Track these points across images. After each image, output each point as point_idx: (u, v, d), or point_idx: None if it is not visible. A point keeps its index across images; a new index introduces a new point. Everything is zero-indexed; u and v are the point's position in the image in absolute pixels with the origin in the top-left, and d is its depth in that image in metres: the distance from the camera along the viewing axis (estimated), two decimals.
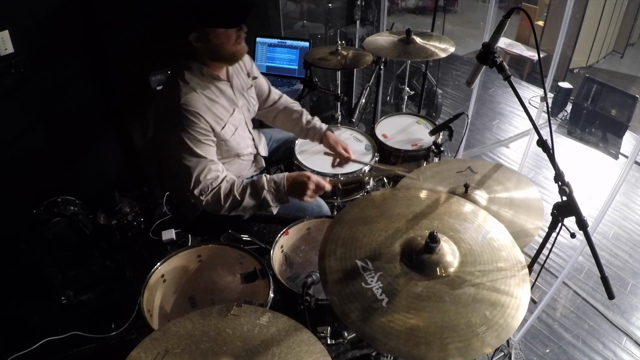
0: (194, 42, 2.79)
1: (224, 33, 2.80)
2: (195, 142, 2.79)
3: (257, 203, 2.96)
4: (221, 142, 3.00)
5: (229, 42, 2.84)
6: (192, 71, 2.88)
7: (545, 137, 2.20)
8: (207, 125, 2.83)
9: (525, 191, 2.69)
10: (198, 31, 2.76)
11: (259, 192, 2.94)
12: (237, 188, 2.93)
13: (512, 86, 2.36)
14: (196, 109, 2.77)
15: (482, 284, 1.86)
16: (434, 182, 2.79)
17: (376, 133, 4.03)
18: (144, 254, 4.47)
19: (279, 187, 2.95)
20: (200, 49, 2.83)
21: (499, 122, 7.40)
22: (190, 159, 2.80)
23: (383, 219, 2.19)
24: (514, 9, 2.33)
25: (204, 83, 2.91)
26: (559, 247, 4.80)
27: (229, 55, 2.91)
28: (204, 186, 2.85)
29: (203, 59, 2.91)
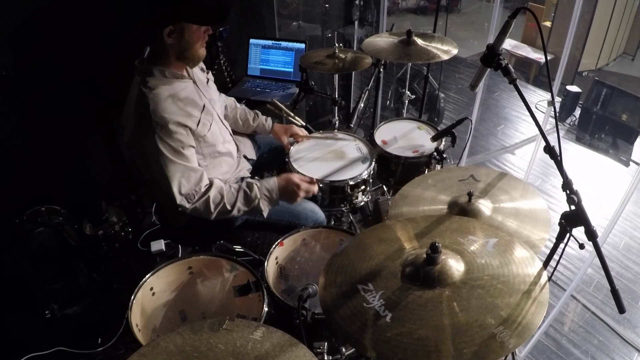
0: (167, 36, 2.83)
1: (197, 31, 2.89)
2: (170, 150, 2.83)
3: (249, 209, 3.06)
4: (199, 139, 3.04)
5: (197, 43, 2.95)
6: (154, 76, 2.92)
7: (552, 144, 2.21)
8: (182, 129, 2.87)
9: (531, 201, 2.69)
10: (174, 24, 2.81)
11: (251, 200, 3.03)
12: (226, 195, 2.99)
13: (518, 90, 2.37)
14: (167, 114, 2.81)
15: (493, 286, 1.86)
16: (436, 191, 2.80)
17: (375, 139, 4.02)
18: (132, 266, 4.47)
19: (272, 194, 3.09)
20: (169, 45, 2.88)
21: (504, 128, 7.42)
22: (168, 167, 2.84)
23: (382, 244, 2.21)
24: (520, 9, 2.34)
25: (169, 84, 2.95)
26: (567, 258, 4.81)
27: (194, 55, 3.00)
28: (189, 193, 2.90)
29: (168, 59, 2.96)
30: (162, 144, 2.80)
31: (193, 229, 3.27)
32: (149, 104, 2.79)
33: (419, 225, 2.30)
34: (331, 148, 3.83)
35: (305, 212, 3.39)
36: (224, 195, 2.98)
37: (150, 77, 2.90)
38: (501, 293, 1.83)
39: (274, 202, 3.13)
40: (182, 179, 2.87)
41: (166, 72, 2.94)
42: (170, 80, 2.95)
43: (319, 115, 6.33)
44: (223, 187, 3.02)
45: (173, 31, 2.82)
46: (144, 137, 2.83)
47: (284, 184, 3.15)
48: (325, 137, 3.97)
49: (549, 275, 2.46)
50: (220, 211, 2.99)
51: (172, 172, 2.84)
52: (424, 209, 2.70)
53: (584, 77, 9.39)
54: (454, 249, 2.07)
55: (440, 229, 2.26)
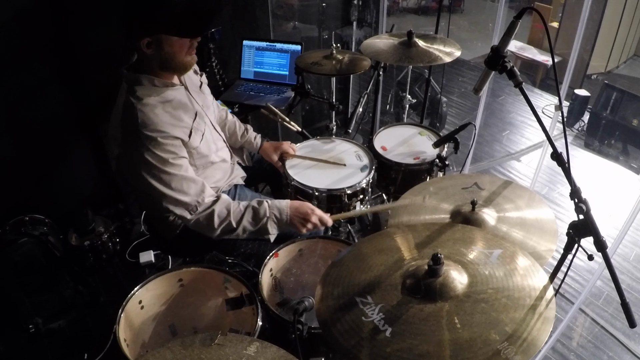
0: (145, 47, 2.77)
1: (178, 42, 2.82)
2: (163, 162, 2.81)
3: (255, 229, 3.02)
4: (192, 150, 3.01)
5: (181, 52, 2.87)
6: (142, 85, 2.87)
7: (560, 150, 2.21)
8: (173, 141, 2.84)
9: (537, 210, 2.69)
10: (151, 37, 2.75)
11: (259, 219, 3.01)
12: (233, 211, 2.97)
13: (524, 94, 2.38)
14: (157, 126, 2.78)
15: (497, 300, 1.86)
16: (438, 199, 2.81)
17: (374, 145, 4.02)
18: (119, 278, 4.46)
19: (282, 215, 3.05)
20: (149, 56, 2.82)
21: (509, 134, 7.44)
22: (162, 179, 2.82)
23: (381, 254, 2.21)
24: (526, 9, 2.34)
25: (159, 93, 2.91)
26: (576, 270, 4.81)
27: (179, 65, 2.92)
28: (190, 204, 2.89)
29: (152, 68, 2.90)
30: (153, 157, 2.77)
31: (183, 240, 3.26)
32: (138, 115, 2.75)
33: (420, 235, 2.30)
34: (329, 155, 3.83)
35: None
36: (231, 211, 2.96)
37: (139, 86, 2.85)
38: (506, 307, 1.83)
39: (283, 225, 3.07)
40: (180, 190, 2.85)
41: (155, 80, 2.90)
42: (160, 89, 2.91)
43: (316, 120, 6.34)
44: (231, 202, 3.00)
45: (150, 42, 2.77)
46: (134, 150, 2.79)
47: (297, 205, 3.10)
48: (322, 143, 3.98)
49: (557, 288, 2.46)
50: (224, 228, 2.96)
51: (167, 184, 2.82)
52: (426, 218, 2.70)
53: (593, 80, 9.40)
54: (456, 260, 2.07)
55: (442, 238, 2.26)
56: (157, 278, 2.79)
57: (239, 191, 3.53)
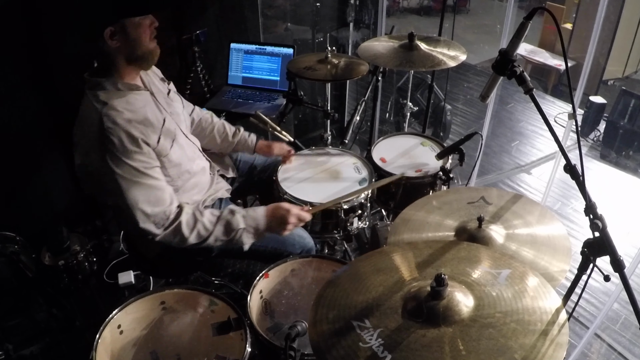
0: (110, 39, 2.79)
1: (141, 24, 2.85)
2: (131, 170, 2.81)
3: (228, 239, 3.03)
4: (162, 159, 3.00)
5: (145, 36, 2.90)
6: (106, 89, 2.89)
7: (574, 162, 2.21)
8: (143, 146, 2.85)
9: (549, 227, 2.69)
10: (114, 25, 2.78)
11: (232, 229, 3.01)
12: (204, 219, 2.98)
13: (535, 101, 2.38)
14: (124, 132, 2.78)
15: (506, 325, 1.86)
16: (442, 215, 2.80)
17: (373, 157, 4.01)
18: (96, 300, 4.46)
19: (258, 223, 3.06)
20: (115, 48, 2.85)
21: (518, 144, 7.45)
22: (130, 189, 2.82)
23: (380, 274, 2.20)
24: (537, 9, 2.35)
25: (123, 97, 2.92)
26: (591, 292, 4.81)
27: (146, 52, 2.94)
28: (157, 217, 2.88)
29: (117, 66, 2.93)
30: (120, 165, 2.77)
31: (166, 259, 3.26)
32: (103, 120, 2.75)
33: (422, 253, 2.29)
34: (324, 167, 3.84)
35: (292, 238, 3.38)
36: (199, 220, 2.96)
37: (102, 91, 2.87)
38: (515, 333, 1.83)
39: (259, 234, 3.09)
40: (147, 202, 2.84)
41: (119, 83, 2.92)
42: (124, 93, 2.93)
43: (309, 129, 6.34)
44: (198, 210, 3.00)
45: (114, 32, 2.79)
46: (100, 158, 2.79)
47: (272, 210, 3.12)
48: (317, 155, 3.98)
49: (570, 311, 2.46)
50: (194, 238, 2.96)
51: (134, 195, 2.82)
52: (428, 235, 2.70)
53: (610, 86, 9.42)
54: (461, 281, 2.06)
55: (446, 257, 2.25)
56: (137, 300, 2.79)
57: (224, 205, 3.53)
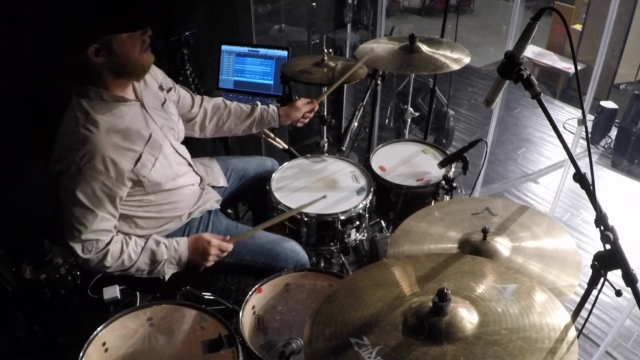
0: (94, 57, 2.77)
1: (129, 39, 2.82)
2: (87, 192, 2.81)
3: (149, 270, 3.09)
4: (142, 179, 3.01)
5: (134, 50, 2.87)
6: (90, 99, 2.88)
7: (583, 170, 2.22)
8: (111, 169, 2.83)
9: (558, 239, 2.69)
10: (98, 41, 2.75)
11: (156, 260, 3.07)
12: (129, 249, 3.00)
13: (543, 106, 2.39)
14: (102, 150, 2.78)
15: (512, 342, 1.86)
16: (444, 226, 2.80)
17: (372, 165, 4.01)
18: (80, 316, 4.44)
19: (180, 256, 3.14)
20: (101, 65, 2.82)
21: (525, 152, 7.46)
22: (77, 206, 2.83)
23: (379, 289, 2.20)
24: (545, 10, 2.35)
25: (108, 110, 2.90)
26: (602, 307, 4.80)
27: (136, 66, 2.93)
28: (87, 243, 2.88)
29: (103, 79, 2.90)
30: (82, 183, 2.78)
31: None
32: (80, 131, 2.76)
33: (423, 267, 2.30)
34: (320, 176, 3.85)
35: (285, 252, 3.39)
36: (124, 250, 2.98)
37: (86, 99, 2.87)
38: (522, 351, 1.83)
39: (181, 265, 3.16)
40: (87, 226, 2.85)
41: (104, 94, 2.90)
42: (109, 105, 2.92)
43: (305, 136, 6.34)
44: (125, 241, 3.01)
45: (99, 49, 2.76)
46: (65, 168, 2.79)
47: (193, 241, 3.17)
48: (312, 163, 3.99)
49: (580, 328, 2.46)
50: (116, 267, 2.98)
51: (80, 213, 2.83)
52: (430, 247, 2.70)
53: (622, 90, 9.42)
54: (465, 297, 2.06)
55: (449, 271, 2.26)
56: (123, 317, 2.78)
57: (213, 218, 3.56)
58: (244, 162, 4.01)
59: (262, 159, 4.16)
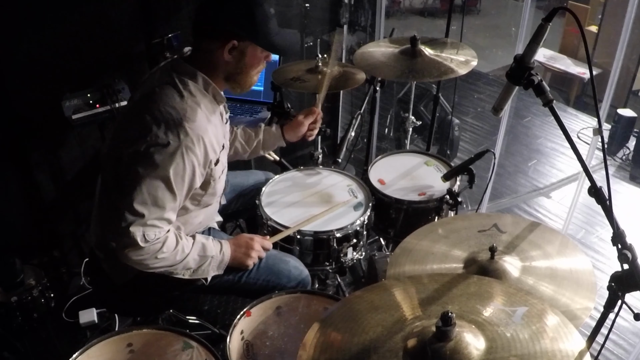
0: (227, 51, 2.90)
1: (259, 55, 3.01)
2: (177, 171, 2.82)
3: (196, 267, 3.10)
4: (210, 182, 3.08)
5: (255, 68, 3.06)
6: (197, 83, 2.97)
7: (599, 184, 2.22)
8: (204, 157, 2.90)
9: (571, 258, 2.69)
10: (240, 42, 2.90)
11: (205, 256, 3.09)
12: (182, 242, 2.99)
13: (555, 114, 2.39)
14: (201, 132, 2.84)
15: None
16: (449, 245, 2.80)
17: (370, 178, 4.02)
18: (54, 342, 4.43)
19: (224, 254, 3.18)
20: (223, 62, 2.95)
21: (536, 164, 7.47)
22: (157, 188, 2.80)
23: (378, 312, 2.19)
24: (558, 10, 2.35)
25: (206, 103, 2.99)
26: (619, 332, 4.80)
27: (245, 81, 3.11)
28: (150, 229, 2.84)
29: (214, 72, 3.01)
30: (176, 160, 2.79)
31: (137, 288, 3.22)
32: (186, 108, 2.82)
33: (426, 288, 2.29)
34: (314, 189, 3.85)
35: (288, 269, 3.39)
36: (179, 241, 2.98)
37: (193, 82, 2.95)
38: None
39: (222, 266, 3.18)
40: (162, 212, 2.84)
41: (210, 86, 3.01)
42: (207, 98, 3.02)
43: (297, 147, 6.31)
44: (178, 233, 3.01)
45: (235, 48, 2.90)
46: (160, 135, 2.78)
47: (234, 240, 3.24)
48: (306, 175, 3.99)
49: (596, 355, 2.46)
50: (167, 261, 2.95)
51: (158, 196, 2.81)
52: (433, 267, 2.69)
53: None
54: (471, 320, 2.06)
55: (454, 293, 2.25)
56: (100, 342, 2.78)
57: (213, 236, 3.51)
58: (240, 177, 4.03)
59: (258, 173, 4.18)
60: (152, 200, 2.80)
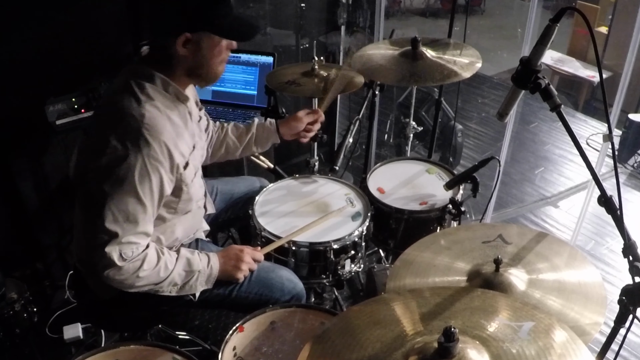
0: (181, 46, 2.85)
1: (219, 44, 2.95)
2: (144, 183, 2.80)
3: (183, 283, 3.07)
4: (182, 188, 3.05)
5: (218, 58, 3.00)
6: (155, 85, 2.93)
7: (610, 193, 2.22)
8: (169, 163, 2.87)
9: (580, 271, 2.68)
10: (193, 34, 2.84)
11: (191, 271, 3.07)
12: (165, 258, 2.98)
13: (563, 119, 2.39)
14: (163, 137, 2.81)
15: None
16: (451, 256, 2.80)
17: (369, 186, 4.02)
18: (37, 359, 4.43)
19: (212, 267, 3.16)
20: (181, 57, 2.91)
21: (543, 171, 7.48)
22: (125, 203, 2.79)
23: (378, 327, 2.19)
24: (566, 10, 2.35)
25: (168, 104, 2.96)
26: (630, 348, 4.76)
27: (209, 73, 3.05)
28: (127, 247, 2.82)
29: (172, 70, 2.98)
30: (140, 172, 2.76)
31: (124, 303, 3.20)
32: (145, 114, 2.78)
33: (428, 302, 2.29)
34: (310, 199, 3.85)
35: (281, 282, 3.38)
36: (161, 257, 2.97)
37: (150, 84, 2.91)
38: None
39: (211, 280, 3.16)
40: (135, 227, 2.82)
41: (170, 86, 2.98)
42: (170, 99, 2.99)
43: (292, 154, 6.32)
44: (159, 248, 3.01)
45: (189, 41, 2.86)
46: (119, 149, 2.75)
47: (223, 252, 3.23)
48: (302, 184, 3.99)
49: None
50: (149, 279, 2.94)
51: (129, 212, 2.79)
52: (435, 280, 2.69)
53: None
54: (475, 336, 2.06)
55: (457, 307, 2.25)
56: (86, 359, 2.77)
57: (201, 247, 3.52)
58: (231, 184, 4.03)
59: (250, 179, 4.19)
60: (124, 216, 2.79)
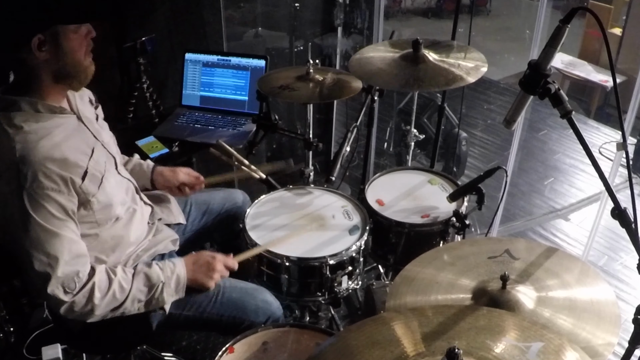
0: (37, 50, 2.79)
1: (77, 35, 2.89)
2: (46, 215, 2.79)
3: (147, 299, 3.06)
4: (90, 199, 3.00)
5: (80, 50, 2.93)
6: (22, 111, 2.88)
7: (624, 205, 2.22)
8: (62, 185, 2.83)
9: (592, 288, 2.68)
10: (44, 32, 2.78)
11: (153, 285, 3.05)
12: (118, 279, 2.98)
13: (574, 127, 2.40)
14: (41, 164, 2.77)
15: None
16: (455, 273, 2.80)
17: (367, 198, 4.01)
18: None
19: (179, 276, 3.14)
20: (42, 63, 2.86)
21: (553, 182, 7.48)
22: (42, 239, 2.79)
23: (377, 348, 2.18)
24: (577, 10, 2.35)
25: (44, 122, 2.92)
26: None
27: (79, 70, 2.98)
28: (67, 280, 2.84)
29: (41, 83, 2.93)
30: (33, 206, 2.75)
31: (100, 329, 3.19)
32: (16, 148, 2.75)
33: (430, 321, 2.29)
34: (305, 211, 3.86)
35: (255, 304, 3.39)
36: (113, 279, 2.96)
37: (17, 112, 2.86)
38: None
39: (180, 289, 3.15)
40: (62, 258, 2.81)
41: (39, 105, 2.91)
42: (44, 117, 2.93)
43: None
44: (110, 269, 3.00)
45: (44, 41, 2.79)
46: (7, 195, 2.77)
47: (192, 259, 3.23)
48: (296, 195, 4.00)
49: None
50: (107, 303, 2.94)
51: (47, 247, 2.79)
52: (438, 298, 2.69)
53: None
54: (480, 357, 2.06)
55: (461, 326, 2.25)
56: None
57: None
58: (206, 195, 4.03)
59: (229, 191, 4.21)
60: (44, 255, 2.79)
